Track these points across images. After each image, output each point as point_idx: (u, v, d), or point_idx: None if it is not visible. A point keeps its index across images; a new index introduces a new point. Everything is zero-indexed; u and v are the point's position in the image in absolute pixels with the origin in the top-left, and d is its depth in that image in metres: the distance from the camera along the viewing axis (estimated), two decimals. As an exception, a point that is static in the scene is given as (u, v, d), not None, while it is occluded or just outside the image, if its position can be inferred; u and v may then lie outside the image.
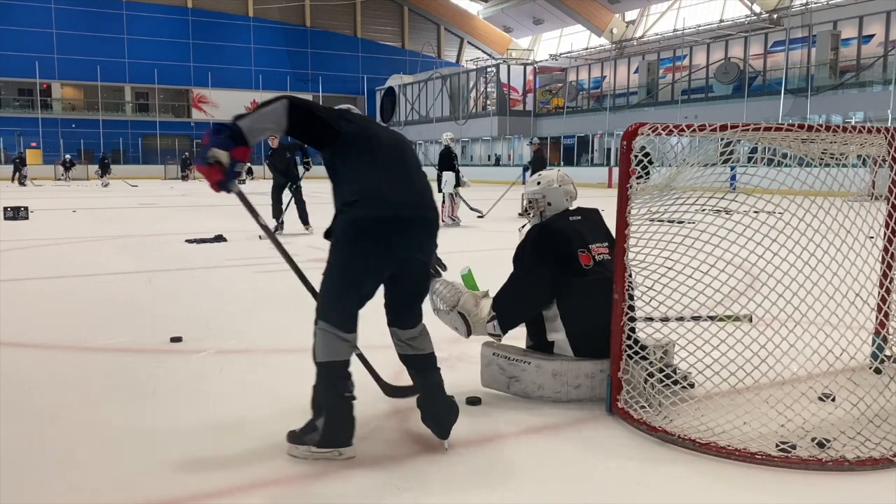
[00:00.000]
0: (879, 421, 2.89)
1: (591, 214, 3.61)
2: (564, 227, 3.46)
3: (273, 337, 4.65)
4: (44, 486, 2.54)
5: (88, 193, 24.35)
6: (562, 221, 3.50)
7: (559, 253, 3.36)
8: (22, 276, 7.13)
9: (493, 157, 40.04)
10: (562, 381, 3.33)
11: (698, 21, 36.33)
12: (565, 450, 2.84)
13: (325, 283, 2.83)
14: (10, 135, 40.71)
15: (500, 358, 3.44)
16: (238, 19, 47.76)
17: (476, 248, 8.83)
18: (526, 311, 3.47)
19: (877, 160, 3.40)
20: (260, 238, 4.56)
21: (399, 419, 3.17)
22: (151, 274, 7.13)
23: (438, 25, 53.35)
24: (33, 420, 3.17)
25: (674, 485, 2.54)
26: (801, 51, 26.99)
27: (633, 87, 34.78)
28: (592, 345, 3.30)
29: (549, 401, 3.33)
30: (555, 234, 3.43)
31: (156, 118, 45.96)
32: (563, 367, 3.32)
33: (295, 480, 2.58)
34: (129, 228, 11.88)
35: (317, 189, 8.08)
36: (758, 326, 3.23)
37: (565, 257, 3.36)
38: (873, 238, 3.28)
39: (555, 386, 3.33)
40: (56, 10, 42.78)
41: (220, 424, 3.10)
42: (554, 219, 3.54)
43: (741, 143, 3.30)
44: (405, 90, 46.17)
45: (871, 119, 23.88)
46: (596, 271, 3.36)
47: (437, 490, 2.51)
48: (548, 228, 3.49)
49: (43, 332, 4.76)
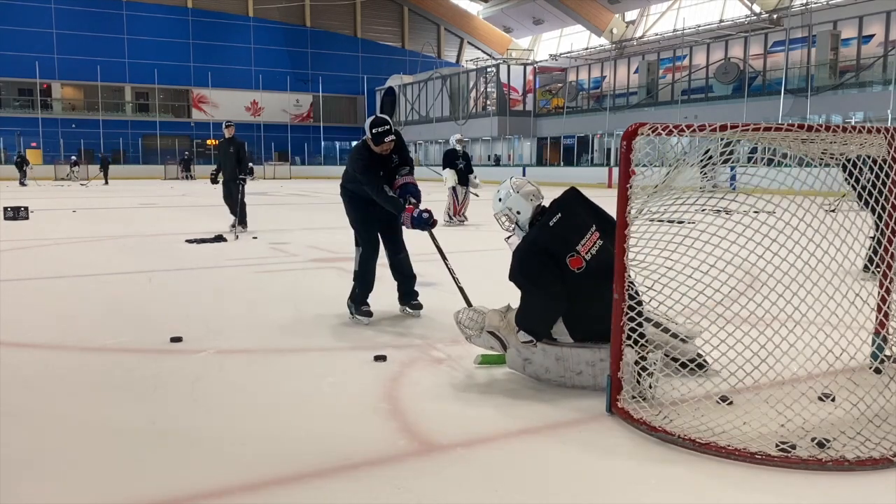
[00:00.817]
0: (879, 421, 2.89)
1: (570, 204, 3.61)
2: (548, 240, 3.49)
3: (273, 337, 4.65)
4: (44, 486, 2.53)
5: (88, 193, 24.35)
6: (544, 233, 3.51)
7: (550, 270, 3.43)
8: (22, 276, 7.13)
9: (493, 157, 40.05)
10: (565, 367, 3.47)
11: (698, 21, 36.34)
12: (565, 450, 2.84)
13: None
14: (10, 135, 40.72)
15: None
16: (238, 19, 47.76)
17: (481, 248, 8.83)
18: (550, 321, 3.49)
19: (856, 164, 3.39)
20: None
21: (399, 419, 3.17)
22: (151, 274, 7.13)
23: (438, 25, 53.36)
24: (33, 420, 3.17)
25: (674, 485, 2.54)
26: (801, 51, 27.00)
27: (633, 87, 34.78)
28: (587, 328, 3.45)
29: (554, 384, 3.51)
30: (538, 255, 3.47)
31: (156, 118, 45.97)
32: (565, 353, 3.47)
33: (295, 480, 2.58)
34: (129, 228, 11.88)
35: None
36: (758, 326, 3.23)
37: (556, 268, 3.43)
38: (873, 238, 3.28)
39: (559, 370, 3.48)
40: (56, 10, 42.80)
41: (219, 424, 3.10)
42: (536, 232, 3.57)
43: (741, 143, 3.30)
44: (405, 90, 46.18)
45: (870, 119, 23.88)
46: (589, 267, 3.43)
47: (437, 490, 2.51)
48: (530, 251, 3.50)
49: (43, 332, 4.76)
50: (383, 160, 4.80)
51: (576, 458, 2.77)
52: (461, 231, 11.51)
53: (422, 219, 4.65)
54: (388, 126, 4.69)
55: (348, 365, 4.00)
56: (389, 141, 4.69)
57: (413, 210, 4.69)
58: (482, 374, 3.78)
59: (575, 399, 3.34)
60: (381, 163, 4.80)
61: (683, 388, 3.26)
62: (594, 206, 3.70)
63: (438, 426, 3.06)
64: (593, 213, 3.63)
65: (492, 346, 3.65)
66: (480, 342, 3.67)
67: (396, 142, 4.77)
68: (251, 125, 46.53)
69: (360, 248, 4.99)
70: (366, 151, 4.78)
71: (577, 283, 3.41)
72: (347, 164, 5.03)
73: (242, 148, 11.15)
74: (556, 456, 2.77)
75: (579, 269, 3.41)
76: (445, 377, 3.73)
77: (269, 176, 41.21)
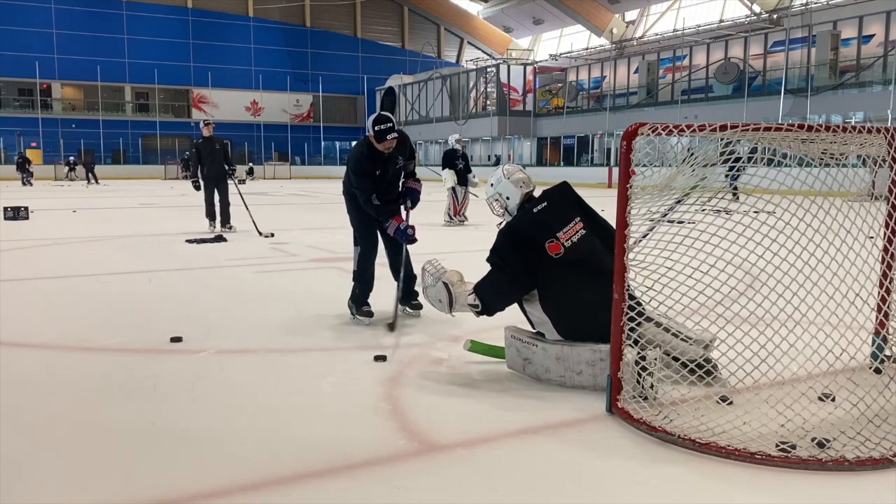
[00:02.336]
0: (879, 421, 2.89)
1: (558, 196, 3.73)
2: (528, 224, 3.63)
3: (273, 337, 4.65)
4: (44, 486, 2.53)
5: (89, 193, 24.35)
6: (526, 217, 3.67)
7: (528, 250, 3.56)
8: (22, 276, 7.13)
9: (494, 157, 40.05)
10: (565, 366, 3.47)
11: (698, 21, 36.33)
12: (565, 450, 2.83)
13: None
14: (10, 135, 40.73)
15: (516, 340, 3.64)
16: (238, 19, 47.77)
17: (482, 248, 8.81)
18: (505, 301, 3.71)
19: (876, 160, 3.40)
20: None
21: (399, 419, 3.17)
22: (151, 274, 7.13)
23: (438, 25, 53.36)
24: (33, 420, 3.17)
25: (674, 485, 2.54)
26: (800, 51, 26.99)
27: (633, 87, 34.78)
28: (573, 325, 3.49)
29: (556, 384, 3.49)
30: (520, 235, 3.63)
31: (156, 118, 45.97)
32: (565, 352, 3.48)
33: (295, 480, 2.58)
34: (129, 228, 11.87)
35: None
36: (758, 326, 3.23)
37: (534, 252, 3.54)
38: (873, 238, 3.28)
39: (559, 370, 3.48)
40: (56, 10, 42.79)
41: (220, 424, 3.10)
42: (519, 216, 3.75)
43: (741, 143, 3.30)
44: (405, 90, 46.18)
45: (870, 119, 23.88)
46: (568, 255, 3.52)
47: (437, 490, 2.51)
48: (513, 230, 3.69)
49: (43, 332, 4.76)
50: (384, 159, 4.76)
51: (576, 458, 2.77)
52: (461, 231, 11.51)
53: (405, 234, 4.81)
54: (391, 123, 4.62)
55: (348, 365, 4.00)
56: (392, 139, 4.64)
57: (401, 222, 4.83)
58: (482, 375, 3.78)
59: (575, 399, 3.35)
60: (381, 162, 4.76)
61: (683, 388, 3.26)
62: (582, 201, 3.79)
63: (438, 426, 3.06)
64: (580, 206, 3.74)
65: (440, 300, 3.81)
66: (432, 292, 3.86)
67: (400, 139, 4.74)
68: (251, 125, 46.55)
69: (358, 248, 4.99)
70: (365, 149, 4.74)
71: (555, 269, 3.52)
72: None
73: (227, 146, 10.84)
74: (556, 456, 2.77)
75: (557, 254, 3.51)
76: (445, 377, 3.73)
77: (269, 176, 41.24)
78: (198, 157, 10.49)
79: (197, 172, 10.58)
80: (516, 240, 3.61)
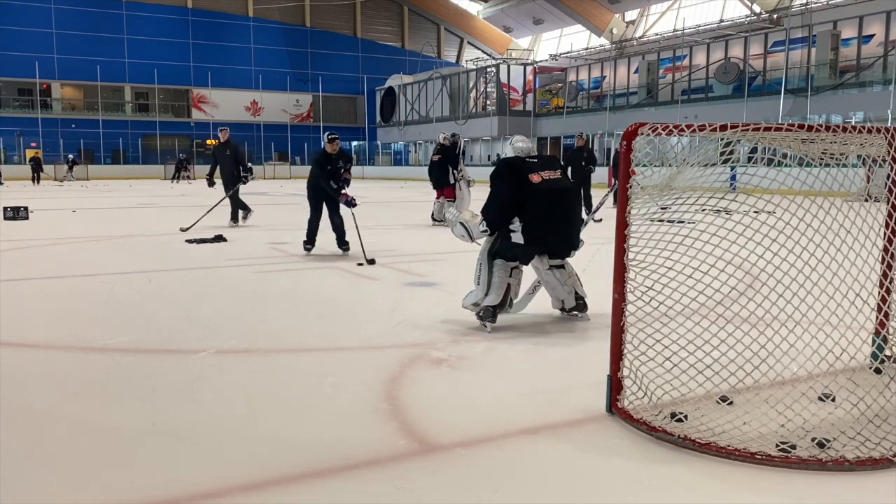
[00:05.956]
0: (879, 421, 2.89)
1: (549, 159, 4.97)
2: (517, 161, 4.77)
3: (273, 337, 4.65)
4: (44, 486, 2.54)
5: (89, 193, 24.35)
6: (519, 158, 4.80)
7: (513, 175, 4.67)
8: (22, 276, 7.13)
9: (494, 157, 40.03)
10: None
11: (698, 21, 36.33)
12: (565, 450, 2.84)
13: None
14: (10, 135, 40.72)
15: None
16: (238, 19, 47.74)
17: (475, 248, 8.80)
18: (501, 214, 4.72)
19: (876, 160, 3.40)
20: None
21: (399, 419, 3.17)
22: (151, 274, 7.13)
23: (438, 25, 53.35)
24: (33, 420, 3.18)
25: (674, 485, 2.54)
26: (801, 51, 26.97)
27: (633, 87, 34.76)
28: (538, 235, 4.64)
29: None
30: (508, 164, 4.77)
31: (156, 118, 45.94)
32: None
33: (295, 480, 2.58)
34: (129, 228, 11.87)
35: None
36: (758, 326, 3.23)
37: (518, 177, 4.64)
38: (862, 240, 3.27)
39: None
40: (56, 10, 42.76)
41: (220, 424, 3.10)
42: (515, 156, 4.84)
43: (741, 143, 3.30)
44: (405, 90, 46.16)
45: (871, 119, 23.88)
46: (545, 184, 4.64)
47: (437, 490, 2.51)
48: (504, 161, 4.84)
49: (43, 332, 4.76)
50: (332, 160, 8.20)
51: (576, 458, 2.77)
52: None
53: (350, 201, 8.17)
54: (336, 136, 8.34)
55: (348, 365, 4.00)
56: (335, 142, 8.24)
57: (346, 196, 8.17)
58: (482, 374, 3.78)
59: (575, 399, 3.35)
60: (331, 161, 8.19)
61: (684, 388, 3.26)
62: (561, 167, 4.91)
63: (438, 426, 3.06)
64: (559, 168, 4.82)
65: (462, 235, 5.02)
66: (457, 230, 5.07)
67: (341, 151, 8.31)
68: (251, 125, 46.51)
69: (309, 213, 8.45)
70: (323, 151, 8.33)
71: (534, 193, 4.59)
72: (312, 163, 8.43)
73: (238, 150, 12.05)
74: (556, 456, 2.77)
75: (537, 182, 4.62)
76: (445, 377, 3.74)
77: (269, 176, 41.20)
78: (214, 161, 11.93)
79: (212, 174, 11.94)
80: (510, 168, 4.71)
